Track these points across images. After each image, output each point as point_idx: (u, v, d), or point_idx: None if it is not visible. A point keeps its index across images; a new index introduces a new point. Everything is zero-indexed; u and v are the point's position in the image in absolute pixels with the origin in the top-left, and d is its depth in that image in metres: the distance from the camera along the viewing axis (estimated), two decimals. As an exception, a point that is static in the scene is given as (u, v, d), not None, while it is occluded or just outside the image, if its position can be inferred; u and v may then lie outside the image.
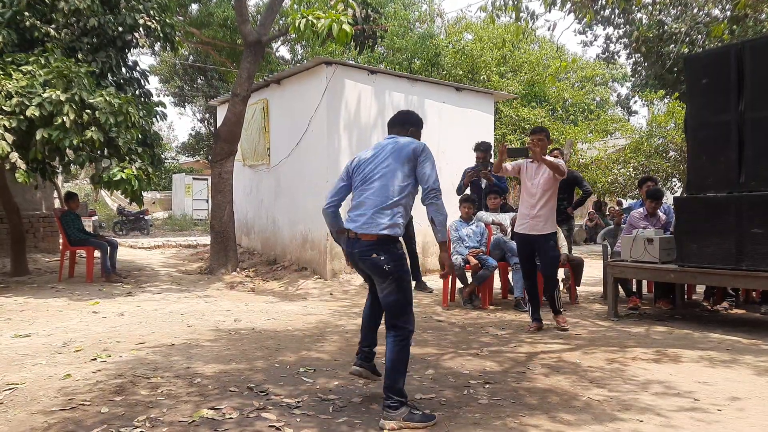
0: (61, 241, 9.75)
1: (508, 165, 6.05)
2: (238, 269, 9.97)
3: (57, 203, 12.79)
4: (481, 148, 7.86)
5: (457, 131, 10.50)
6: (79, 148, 7.38)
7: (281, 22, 16.27)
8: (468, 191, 7.95)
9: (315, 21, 7.65)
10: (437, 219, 3.43)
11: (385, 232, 3.42)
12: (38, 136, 7.02)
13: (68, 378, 4.08)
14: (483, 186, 7.92)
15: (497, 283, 8.11)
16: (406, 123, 3.85)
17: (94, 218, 17.89)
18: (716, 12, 14.18)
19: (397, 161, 3.50)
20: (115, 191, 7.91)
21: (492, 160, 7.71)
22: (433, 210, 3.43)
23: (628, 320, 6.51)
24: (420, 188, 3.53)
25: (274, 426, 3.20)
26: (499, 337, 5.61)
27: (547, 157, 5.74)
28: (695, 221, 5.92)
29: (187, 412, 3.41)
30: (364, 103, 9.67)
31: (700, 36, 14.65)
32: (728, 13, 12.57)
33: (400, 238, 3.54)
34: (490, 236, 7.48)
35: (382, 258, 3.40)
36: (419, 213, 8.15)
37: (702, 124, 6.02)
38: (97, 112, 7.29)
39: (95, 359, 4.59)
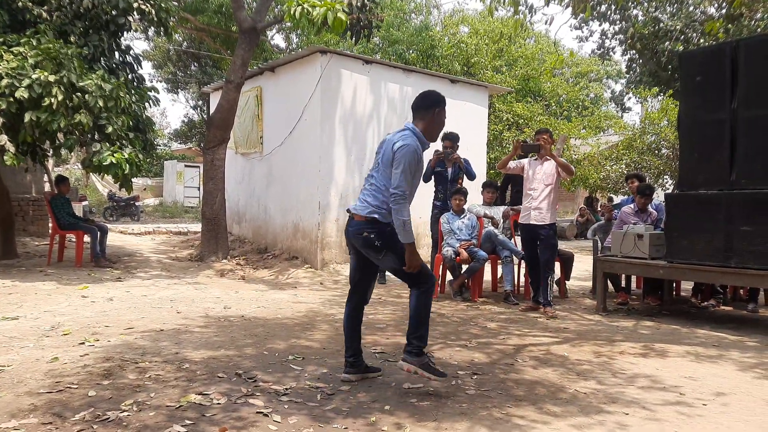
0: (50, 224, 9.69)
1: (512, 164, 6.70)
2: (228, 257, 9.94)
3: (47, 187, 12.70)
4: (449, 138, 7.84)
5: (451, 124, 10.45)
6: (68, 132, 7.32)
7: (277, 9, 16.16)
8: (433, 181, 7.91)
9: (310, 9, 7.60)
10: (395, 224, 3.54)
11: (374, 215, 3.59)
12: (27, 119, 6.95)
13: (55, 361, 4.07)
14: (449, 177, 7.88)
15: (487, 276, 8.14)
16: (430, 105, 3.78)
17: (84, 203, 17.78)
18: (712, 10, 14.22)
19: (386, 164, 3.62)
20: (105, 176, 7.86)
21: (451, 152, 7.79)
22: (393, 213, 3.53)
23: (616, 315, 6.55)
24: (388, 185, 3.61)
25: (261, 412, 3.20)
26: (488, 329, 5.63)
27: (558, 157, 6.47)
28: (686, 218, 5.95)
29: (175, 396, 3.40)
30: (359, 93, 9.64)
31: (695, 34, 14.69)
32: (724, 11, 12.60)
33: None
34: (482, 229, 7.49)
35: (372, 235, 3.59)
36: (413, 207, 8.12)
37: (695, 122, 6.04)
38: (86, 95, 7.23)
39: (83, 343, 4.58)
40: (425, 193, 6.74)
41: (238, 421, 3.09)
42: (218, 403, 3.31)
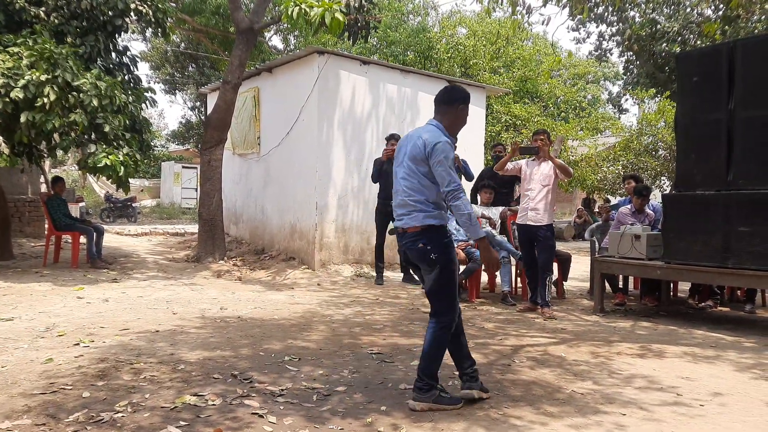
0: (46, 225, 9.66)
1: (509, 165, 6.68)
2: (225, 258, 9.92)
3: (43, 188, 12.66)
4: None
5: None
6: (64, 132, 7.29)
7: (274, 10, 16.15)
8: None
9: (308, 9, 7.60)
10: (460, 221, 3.44)
11: (427, 222, 3.43)
12: (23, 119, 6.93)
13: (50, 362, 4.04)
14: None
15: (485, 277, 8.13)
16: (453, 100, 3.59)
17: (81, 204, 17.75)
18: (709, 12, 14.24)
19: (415, 160, 3.45)
20: (102, 177, 7.84)
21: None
22: (454, 211, 3.40)
23: (614, 315, 6.54)
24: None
25: (256, 413, 3.18)
26: (486, 329, 5.62)
27: (556, 159, 6.50)
28: (683, 218, 5.94)
29: (170, 397, 3.38)
30: (356, 94, 9.63)
31: (692, 35, 14.71)
32: (721, 12, 12.62)
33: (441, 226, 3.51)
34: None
35: (428, 247, 3.41)
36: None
37: (692, 122, 6.04)
38: (81, 95, 7.20)
39: (78, 344, 4.56)
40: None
41: (233, 422, 3.07)
42: (213, 404, 3.30)
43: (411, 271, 8.37)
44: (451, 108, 3.57)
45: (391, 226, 7.81)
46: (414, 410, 3.30)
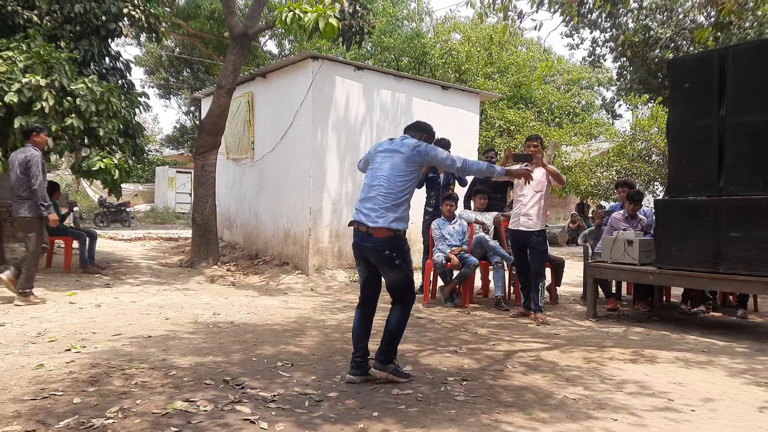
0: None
1: None
2: (219, 263, 9.90)
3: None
4: (441, 144, 7.84)
5: (442, 130, 10.48)
6: (58, 137, 7.28)
7: (269, 15, 16.18)
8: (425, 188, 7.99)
9: (302, 15, 7.61)
10: (480, 173, 4.22)
11: (394, 226, 3.81)
12: (17, 124, 6.91)
13: (41, 368, 4.02)
14: (441, 183, 7.95)
15: (478, 282, 8.14)
16: (420, 129, 4.16)
17: (75, 209, 17.68)
18: (701, 18, 14.33)
19: (402, 160, 3.89)
20: (95, 181, 7.83)
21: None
22: (475, 172, 4.18)
23: (606, 321, 6.56)
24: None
25: (248, 419, 3.17)
26: (478, 335, 5.62)
27: (549, 166, 6.46)
28: (675, 224, 5.96)
29: (161, 403, 3.37)
30: (351, 99, 9.65)
31: (684, 42, 14.81)
32: (713, 19, 12.70)
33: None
34: (473, 235, 7.50)
35: (394, 254, 3.82)
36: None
37: (684, 128, 6.07)
38: (77, 100, 7.20)
39: (69, 350, 4.54)
40: (417, 198, 6.74)
41: (224, 428, 3.06)
42: (205, 410, 3.29)
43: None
44: (417, 134, 4.14)
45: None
46: (373, 377, 3.86)
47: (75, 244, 9.15)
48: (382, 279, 3.99)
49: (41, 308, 6.21)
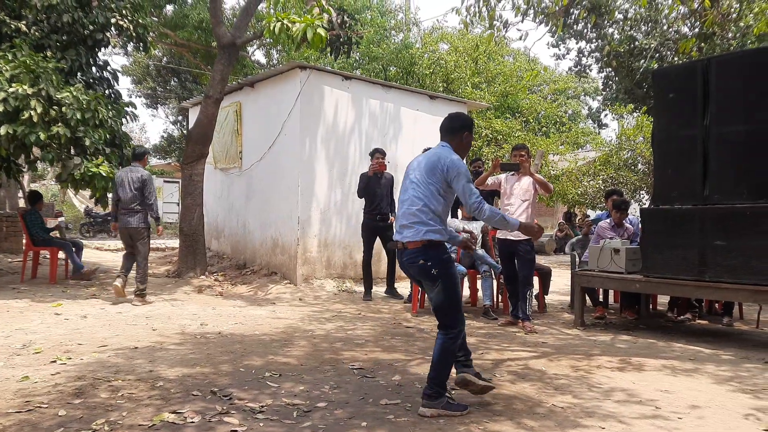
0: (24, 241, 9.54)
1: (489, 180, 6.68)
2: (206, 273, 9.84)
3: (22, 202, 12.51)
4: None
5: (430, 139, 10.54)
6: (46, 146, 7.24)
7: (257, 25, 16.20)
8: None
9: (290, 25, 7.62)
10: (494, 224, 3.80)
11: (428, 237, 3.58)
12: (2, 132, 6.87)
13: (26, 380, 3.98)
14: None
15: (466, 291, 8.15)
16: (459, 128, 3.86)
17: (60, 219, 17.56)
18: (685, 29, 14.52)
19: (432, 177, 3.64)
20: (81, 191, 7.80)
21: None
22: (487, 220, 3.71)
23: (594, 329, 6.59)
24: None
25: (235, 431, 3.15)
26: (467, 343, 5.61)
27: (536, 175, 6.50)
28: (660, 233, 6.01)
29: (148, 415, 3.34)
30: (339, 109, 9.66)
31: (669, 52, 14.99)
32: (697, 30, 12.88)
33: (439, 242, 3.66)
34: (461, 244, 7.50)
35: (429, 263, 3.57)
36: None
37: (668, 138, 6.13)
38: (64, 108, 7.16)
39: (55, 361, 4.49)
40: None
41: (212, 439, 3.04)
42: (192, 422, 3.26)
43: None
44: (455, 136, 3.84)
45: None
46: (424, 416, 3.44)
47: (61, 254, 9.07)
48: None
49: (26, 319, 6.15)
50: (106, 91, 8.94)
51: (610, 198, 8.14)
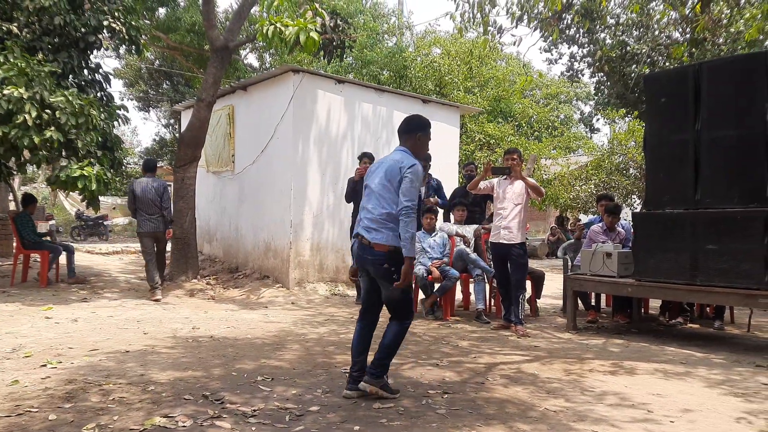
0: (15, 244, 9.47)
1: (482, 184, 6.72)
2: (198, 276, 9.80)
3: (12, 205, 12.43)
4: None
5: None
6: (36, 148, 7.20)
7: (250, 29, 16.17)
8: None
9: (283, 28, 7.61)
10: (403, 235, 3.69)
11: (394, 243, 3.75)
12: (-4, 134, 6.83)
13: (16, 384, 3.95)
14: (421, 196, 7.99)
15: (459, 295, 8.15)
16: (412, 130, 3.99)
17: (51, 222, 17.45)
18: (677, 35, 14.61)
19: (393, 183, 3.77)
20: (72, 194, 7.77)
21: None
22: (401, 226, 3.69)
23: (586, 333, 6.60)
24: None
25: (228, 434, 3.14)
26: (460, 347, 5.62)
27: (528, 179, 6.53)
28: (652, 237, 6.04)
29: (139, 419, 3.32)
30: (332, 112, 9.66)
31: (661, 57, 15.07)
32: (688, 36, 12.96)
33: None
34: (453, 248, 7.52)
35: (392, 268, 3.76)
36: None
37: (660, 142, 6.16)
38: (57, 112, 7.12)
39: (45, 365, 4.46)
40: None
41: (204, 443, 3.02)
42: (184, 426, 3.24)
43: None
44: (410, 136, 3.98)
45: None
46: (364, 390, 3.77)
47: (62, 259, 9.07)
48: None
49: (16, 323, 6.10)
50: (98, 94, 8.90)
51: (600, 202, 8.18)
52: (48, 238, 9.49)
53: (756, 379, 4.62)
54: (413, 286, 3.92)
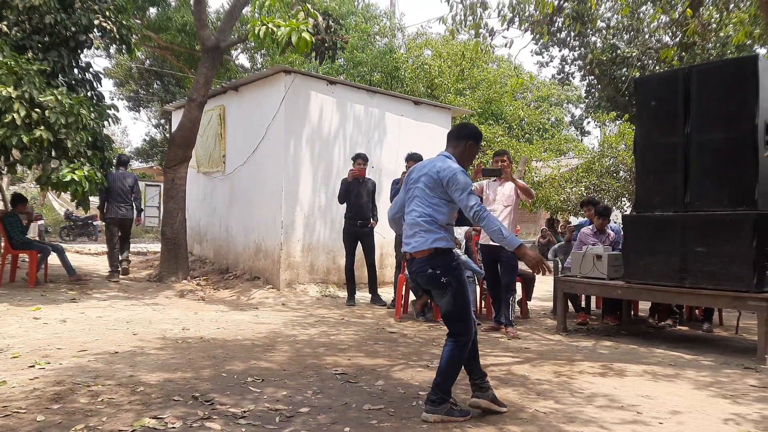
0: (2, 244, 9.40)
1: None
2: (188, 277, 9.77)
3: (1, 205, 12.33)
4: (413, 158, 7.91)
5: (414, 145, 10.55)
6: (26, 148, 7.14)
7: (242, 29, 16.14)
8: None
9: (275, 29, 7.61)
10: (494, 237, 3.53)
11: (435, 245, 3.57)
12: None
13: (3, 385, 3.91)
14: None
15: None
16: (464, 136, 3.83)
17: (40, 222, 17.32)
18: (667, 38, 14.70)
19: (433, 189, 3.63)
20: (62, 195, 7.73)
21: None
22: (486, 229, 3.53)
23: (576, 335, 6.62)
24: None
25: (218, 436, 3.12)
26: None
27: (519, 180, 6.55)
28: (642, 239, 6.07)
29: (128, 420, 3.30)
30: (323, 113, 9.65)
31: (651, 61, 15.16)
32: (678, 39, 13.04)
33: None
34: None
35: (438, 272, 3.54)
36: (380, 225, 8.09)
37: (650, 146, 6.20)
38: (46, 111, 7.08)
39: (33, 366, 4.42)
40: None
41: (193, 445, 3.01)
42: (173, 427, 3.23)
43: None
44: (461, 143, 3.80)
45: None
46: (427, 421, 3.43)
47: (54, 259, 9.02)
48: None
49: (4, 323, 6.05)
50: (88, 93, 8.84)
51: (585, 207, 8.22)
52: (36, 238, 9.44)
53: (744, 381, 4.66)
54: (468, 298, 3.64)
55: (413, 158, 8.01)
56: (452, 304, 3.54)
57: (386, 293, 8.75)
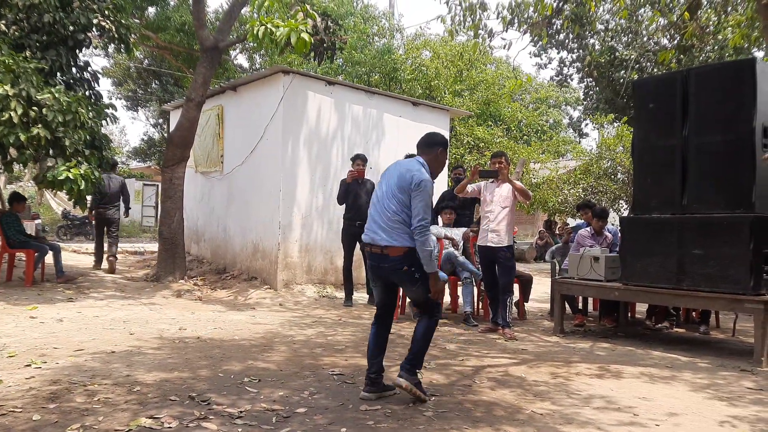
0: (-1, 243, 9.39)
1: (469, 187, 6.69)
2: (186, 277, 9.75)
3: (-2, 204, 12.31)
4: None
5: (413, 146, 10.54)
6: (23, 146, 7.13)
7: (240, 29, 16.13)
8: None
9: (274, 29, 7.60)
10: (422, 255, 3.76)
11: (409, 244, 3.78)
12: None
13: (-1, 384, 3.91)
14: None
15: (447, 297, 8.16)
16: (433, 144, 4.07)
17: (37, 221, 17.27)
18: (665, 41, 14.73)
19: (402, 191, 3.80)
20: (60, 194, 7.72)
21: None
22: (418, 245, 3.75)
23: (573, 336, 6.63)
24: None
25: (214, 436, 3.12)
26: (447, 350, 5.63)
27: (516, 182, 6.53)
28: (639, 241, 6.08)
29: (124, 420, 3.30)
30: (322, 114, 9.65)
31: (649, 63, 15.20)
32: (676, 42, 13.07)
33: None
34: (441, 250, 7.52)
35: (412, 269, 3.81)
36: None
37: (648, 148, 6.21)
38: (44, 110, 7.07)
39: (30, 365, 4.41)
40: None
41: (189, 445, 3.01)
42: (170, 427, 3.22)
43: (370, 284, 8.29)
44: (431, 150, 4.05)
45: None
46: (400, 385, 3.75)
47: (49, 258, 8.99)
48: (399, 295, 4.05)
49: (0, 323, 6.03)
50: (86, 92, 8.83)
51: (581, 210, 8.24)
52: (43, 237, 9.45)
53: (740, 383, 4.66)
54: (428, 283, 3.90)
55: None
56: (423, 293, 3.88)
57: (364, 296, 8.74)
